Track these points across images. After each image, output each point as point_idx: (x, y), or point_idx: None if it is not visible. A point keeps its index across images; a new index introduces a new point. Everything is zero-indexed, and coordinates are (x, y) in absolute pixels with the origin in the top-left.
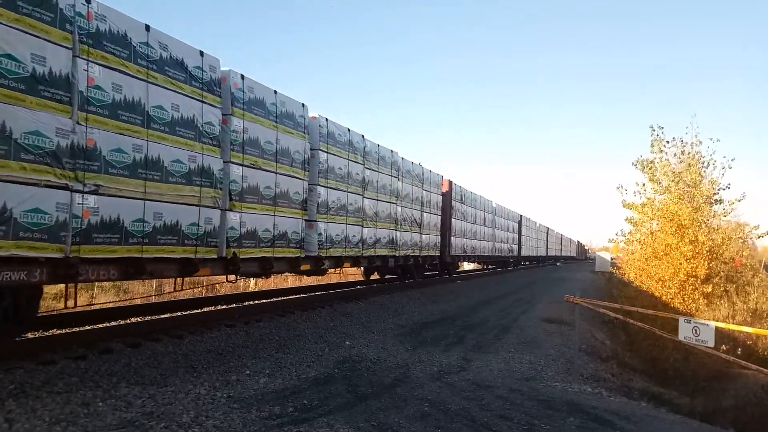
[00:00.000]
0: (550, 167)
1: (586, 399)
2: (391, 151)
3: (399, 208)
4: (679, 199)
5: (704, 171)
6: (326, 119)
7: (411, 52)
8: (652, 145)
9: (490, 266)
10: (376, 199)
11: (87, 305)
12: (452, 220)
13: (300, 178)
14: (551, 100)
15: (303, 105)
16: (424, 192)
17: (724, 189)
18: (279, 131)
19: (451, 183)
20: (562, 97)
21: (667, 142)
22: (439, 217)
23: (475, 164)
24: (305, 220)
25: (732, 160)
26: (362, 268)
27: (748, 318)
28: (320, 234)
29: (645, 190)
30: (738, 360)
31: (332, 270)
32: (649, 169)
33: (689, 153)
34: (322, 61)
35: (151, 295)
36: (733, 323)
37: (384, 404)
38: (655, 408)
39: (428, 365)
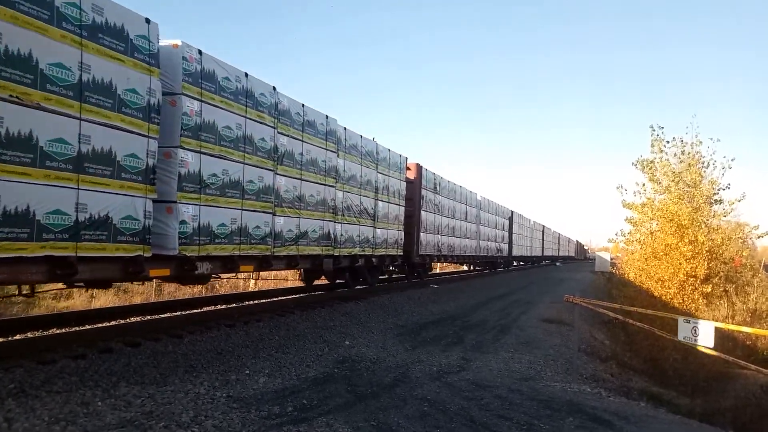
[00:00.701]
0: (550, 167)
1: (585, 399)
2: (326, 117)
3: (340, 193)
4: (679, 199)
5: (704, 171)
6: (200, 51)
7: (410, 53)
8: (652, 145)
9: (477, 267)
10: (299, 178)
11: (87, 304)
12: (422, 212)
13: (140, 134)
14: (550, 100)
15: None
16: (380, 175)
17: (723, 189)
18: (86, 51)
19: (420, 168)
20: (561, 97)
21: (667, 142)
22: (403, 208)
23: (474, 164)
24: (154, 200)
25: (732, 160)
26: (300, 272)
27: (748, 318)
28: (185, 222)
29: (645, 190)
30: (737, 360)
31: (227, 275)
32: (649, 169)
33: (689, 153)
34: (321, 61)
35: (150, 295)
36: (732, 323)
37: (383, 404)
38: (654, 408)
39: (428, 365)
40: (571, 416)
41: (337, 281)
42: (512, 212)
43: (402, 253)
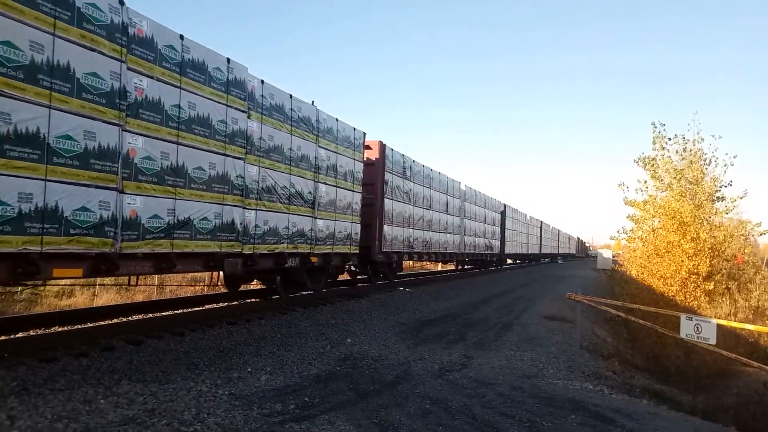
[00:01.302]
0: (551, 165)
1: (587, 396)
2: (228, 61)
3: (253, 168)
4: (681, 196)
5: (706, 168)
6: None
7: (408, 53)
8: (654, 142)
9: (467, 267)
10: (175, 142)
11: (89, 302)
12: (386, 200)
13: None
14: (552, 99)
15: None
16: (323, 151)
17: (726, 186)
18: None
19: (383, 147)
20: (562, 95)
21: (669, 139)
22: (359, 195)
23: (475, 163)
24: None
25: (734, 157)
26: (221, 275)
27: (750, 315)
28: None
29: (647, 188)
30: (740, 357)
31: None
32: (651, 166)
33: (691, 150)
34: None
35: (152, 293)
36: (734, 321)
37: (385, 401)
38: (656, 405)
39: (429, 363)
40: (574, 414)
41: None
42: (505, 206)
43: (357, 251)
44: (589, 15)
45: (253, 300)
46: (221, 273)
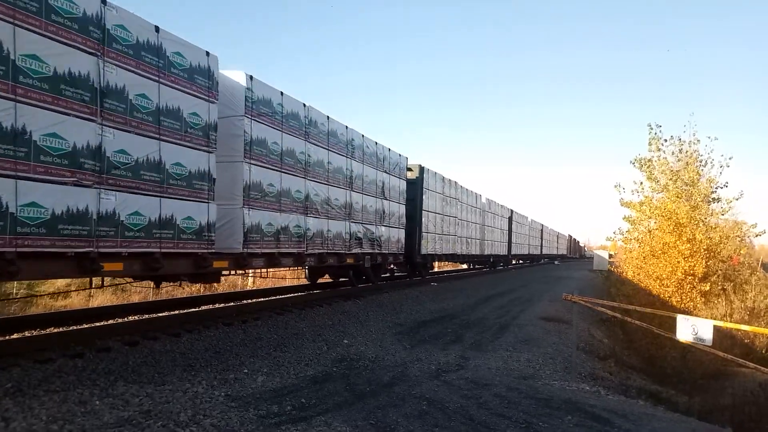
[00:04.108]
0: (548, 166)
1: (584, 397)
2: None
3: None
4: (677, 197)
5: (702, 169)
6: None
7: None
8: (650, 144)
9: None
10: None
11: (84, 303)
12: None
13: None
14: (548, 100)
15: None
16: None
17: (722, 187)
18: None
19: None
20: (559, 96)
21: (665, 140)
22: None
23: (472, 163)
24: None
25: (730, 158)
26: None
27: (746, 316)
28: None
29: (643, 189)
30: (735, 358)
31: None
32: (647, 167)
33: (687, 151)
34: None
35: (148, 294)
36: (730, 321)
37: (382, 403)
38: (652, 406)
39: (426, 364)
40: (570, 414)
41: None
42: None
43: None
44: (584, 13)
45: (250, 301)
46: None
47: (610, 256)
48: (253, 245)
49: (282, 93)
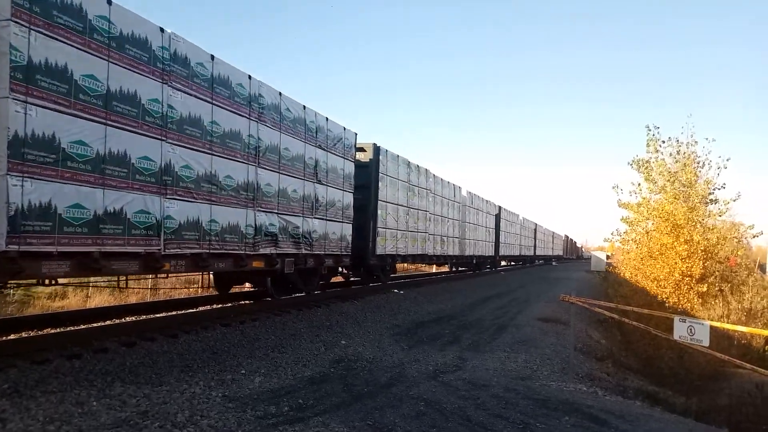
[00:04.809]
0: (546, 167)
1: (581, 398)
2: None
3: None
4: (675, 198)
5: (699, 171)
6: None
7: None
8: (648, 145)
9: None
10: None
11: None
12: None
13: None
14: (547, 100)
15: None
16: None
17: (719, 189)
18: None
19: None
20: (558, 96)
21: (663, 141)
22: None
23: (472, 165)
24: None
25: (727, 160)
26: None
27: (743, 317)
28: None
29: (641, 190)
30: (733, 359)
31: None
32: (645, 168)
33: (685, 153)
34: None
35: (146, 295)
36: (727, 322)
37: (380, 403)
38: (650, 407)
39: (424, 364)
40: (567, 415)
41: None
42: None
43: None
44: (582, 13)
45: (246, 302)
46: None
47: (608, 257)
48: (37, 240)
49: None
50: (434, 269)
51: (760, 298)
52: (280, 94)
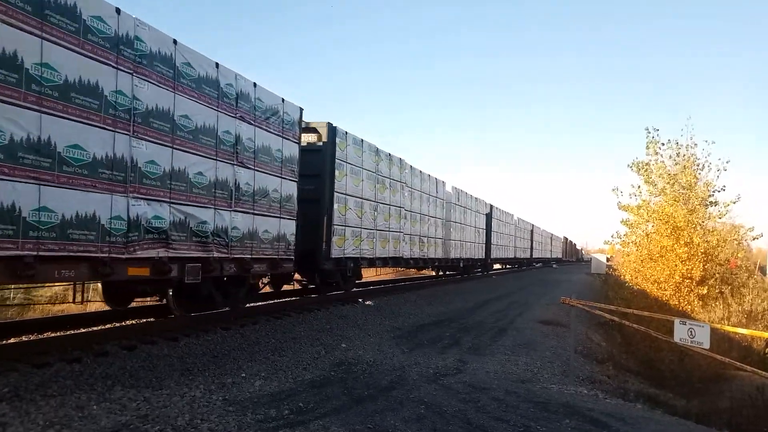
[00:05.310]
0: (545, 167)
1: (582, 401)
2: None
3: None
4: (675, 201)
5: (699, 173)
6: None
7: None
8: (648, 147)
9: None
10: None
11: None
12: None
13: None
14: (547, 101)
15: None
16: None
17: (719, 191)
18: None
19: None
20: (557, 97)
21: (662, 144)
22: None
23: (465, 165)
24: None
25: (727, 162)
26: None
27: (744, 320)
28: None
29: (640, 193)
30: (733, 361)
31: None
32: (645, 171)
33: (684, 155)
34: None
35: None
36: (728, 325)
37: (380, 407)
38: (650, 409)
39: (424, 367)
40: (568, 418)
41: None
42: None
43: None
44: (581, 15)
45: (250, 305)
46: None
47: (608, 259)
48: None
49: None
50: (414, 273)
51: (761, 300)
52: (176, 42)
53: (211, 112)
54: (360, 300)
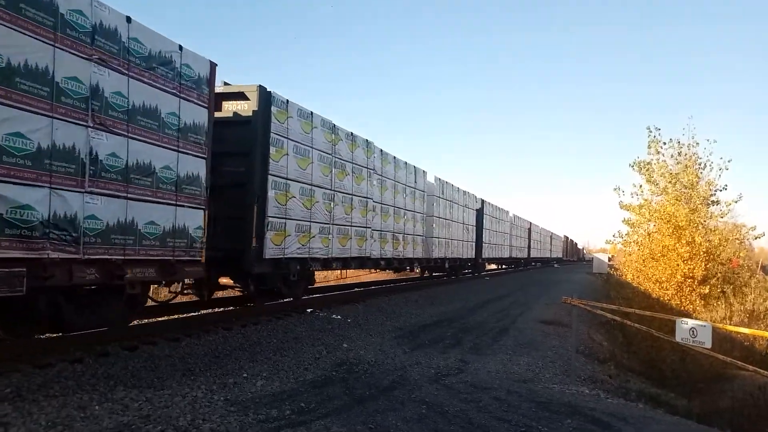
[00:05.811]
0: (545, 168)
1: (583, 401)
2: None
3: None
4: (677, 200)
5: (701, 172)
6: None
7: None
8: (649, 147)
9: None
10: None
11: None
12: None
13: None
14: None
15: None
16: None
17: (720, 190)
18: None
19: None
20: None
21: (664, 143)
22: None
23: (470, 165)
24: None
25: (729, 161)
26: None
27: (745, 319)
28: None
29: (642, 192)
30: (735, 361)
31: None
32: (646, 170)
33: (686, 154)
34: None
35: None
36: (730, 324)
37: (381, 407)
38: (652, 409)
39: (426, 367)
40: (570, 418)
41: None
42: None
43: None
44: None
45: (251, 304)
46: None
47: (610, 258)
48: None
49: None
50: (407, 275)
51: (763, 299)
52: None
53: (40, 45)
54: (309, 310)
